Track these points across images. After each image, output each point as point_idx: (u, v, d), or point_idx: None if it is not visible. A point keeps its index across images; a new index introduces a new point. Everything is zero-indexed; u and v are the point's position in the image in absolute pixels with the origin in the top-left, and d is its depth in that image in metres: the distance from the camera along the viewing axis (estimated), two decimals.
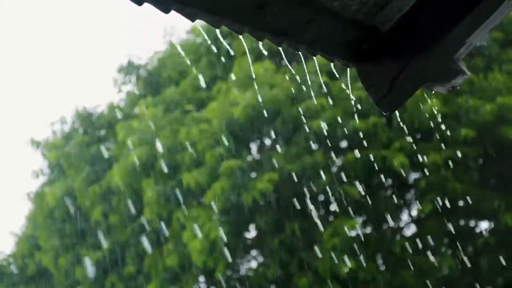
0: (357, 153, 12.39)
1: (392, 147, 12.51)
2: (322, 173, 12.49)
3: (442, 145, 12.44)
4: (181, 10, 1.91)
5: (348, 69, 2.58)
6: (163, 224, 13.62)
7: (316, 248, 12.49)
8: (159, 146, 13.59)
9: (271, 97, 12.74)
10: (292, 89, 12.88)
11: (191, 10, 1.91)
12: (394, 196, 13.65)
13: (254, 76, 13.25)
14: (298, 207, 12.48)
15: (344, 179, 12.65)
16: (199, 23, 2.02)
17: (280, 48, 2.30)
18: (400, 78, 2.44)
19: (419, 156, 12.49)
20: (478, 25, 2.49)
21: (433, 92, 2.87)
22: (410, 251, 12.83)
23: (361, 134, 12.43)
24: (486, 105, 12.54)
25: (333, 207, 13.33)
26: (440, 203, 12.34)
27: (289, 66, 13.32)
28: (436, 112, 12.32)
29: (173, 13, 1.92)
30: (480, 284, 12.92)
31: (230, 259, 12.97)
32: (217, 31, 2.09)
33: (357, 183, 12.47)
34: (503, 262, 12.66)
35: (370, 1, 2.37)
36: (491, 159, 13.18)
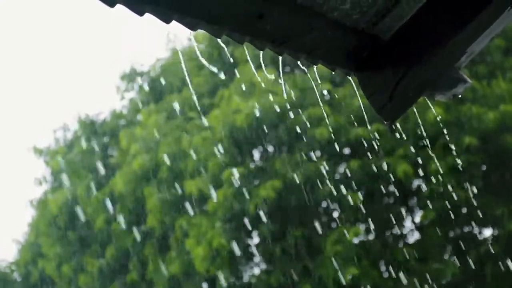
0: (360, 160, 12.39)
1: (395, 154, 12.51)
2: (325, 180, 12.49)
3: (445, 152, 12.44)
4: (181, 20, 1.91)
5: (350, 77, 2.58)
6: (166, 232, 13.62)
7: (319, 255, 12.48)
8: (161, 154, 13.59)
9: (274, 104, 12.75)
10: (294, 96, 12.89)
11: (191, 20, 1.92)
12: (397, 203, 13.63)
13: (256, 84, 13.25)
14: (301, 214, 12.48)
15: (347, 186, 12.64)
16: (201, 32, 2.03)
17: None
18: (401, 86, 2.44)
19: (422, 164, 12.49)
20: (479, 34, 2.50)
21: (434, 100, 2.87)
22: (413, 258, 12.81)
23: (364, 142, 12.43)
24: (489, 112, 12.54)
25: (336, 214, 13.32)
26: (443, 210, 12.33)
27: (292, 73, 13.33)
28: (439, 120, 12.32)
29: (174, 23, 1.93)
30: None
31: (233, 266, 12.98)
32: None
33: (360, 190, 12.47)
34: (507, 269, 12.64)
35: (371, 10, 2.37)
36: (494, 166, 13.16)
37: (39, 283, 16.52)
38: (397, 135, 12.69)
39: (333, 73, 2.50)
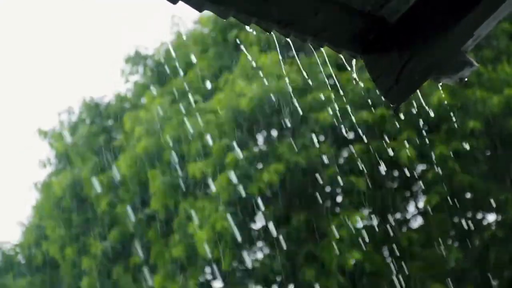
0: (364, 144, 12.38)
1: (399, 138, 12.49)
2: (328, 164, 12.50)
3: (450, 137, 12.42)
4: (188, 1, 1.90)
5: (354, 60, 2.57)
6: (169, 214, 13.64)
7: (323, 240, 12.50)
8: (165, 137, 13.60)
9: (278, 88, 12.73)
10: (300, 80, 12.87)
11: (198, 0, 1.90)
12: (401, 188, 13.63)
13: (261, 67, 13.22)
14: (305, 198, 12.49)
15: (351, 170, 12.64)
16: (207, 14, 2.02)
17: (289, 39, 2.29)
18: (407, 69, 2.43)
19: (426, 148, 12.48)
20: (486, 17, 2.48)
21: (440, 83, 2.86)
22: (417, 243, 12.82)
23: (368, 126, 12.42)
24: (494, 97, 12.51)
25: (340, 198, 13.33)
26: (447, 195, 12.32)
27: (297, 57, 13.30)
28: (444, 104, 12.30)
29: (180, 3, 1.92)
30: (487, 276, 12.91)
31: (236, 250, 13.00)
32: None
33: (364, 175, 12.46)
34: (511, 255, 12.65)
35: None
36: (498, 151, 13.14)
37: (43, 265, 16.57)
38: (401, 119, 12.68)
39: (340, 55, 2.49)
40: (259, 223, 13.77)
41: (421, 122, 12.63)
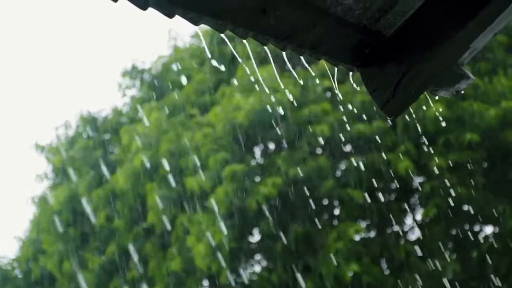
0: (361, 157, 12.39)
1: (397, 151, 12.50)
2: (326, 177, 12.50)
3: (447, 149, 12.43)
4: (185, 15, 1.90)
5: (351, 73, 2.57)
6: (167, 228, 13.62)
7: (320, 253, 12.48)
8: (162, 151, 13.59)
9: (275, 101, 12.75)
10: (296, 93, 12.88)
11: (194, 14, 1.91)
12: (398, 200, 13.63)
13: (258, 80, 13.23)
14: (302, 211, 12.47)
15: (348, 183, 12.64)
16: (204, 28, 2.02)
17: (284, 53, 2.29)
18: (404, 82, 2.44)
19: (424, 160, 12.48)
20: (482, 30, 2.49)
21: (437, 96, 2.87)
22: (415, 255, 12.81)
23: (365, 138, 12.43)
24: (491, 109, 12.52)
25: (337, 211, 13.32)
26: (445, 208, 12.32)
27: (293, 71, 13.33)
28: (440, 116, 12.32)
29: (177, 17, 1.92)
30: None
31: (233, 264, 12.98)
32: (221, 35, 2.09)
33: (361, 187, 12.46)
34: (508, 266, 12.64)
35: (374, 6, 2.36)
36: (495, 163, 13.16)
37: (40, 280, 16.53)
38: (398, 131, 12.70)
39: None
40: (256, 236, 13.76)
41: (418, 135, 12.65)
